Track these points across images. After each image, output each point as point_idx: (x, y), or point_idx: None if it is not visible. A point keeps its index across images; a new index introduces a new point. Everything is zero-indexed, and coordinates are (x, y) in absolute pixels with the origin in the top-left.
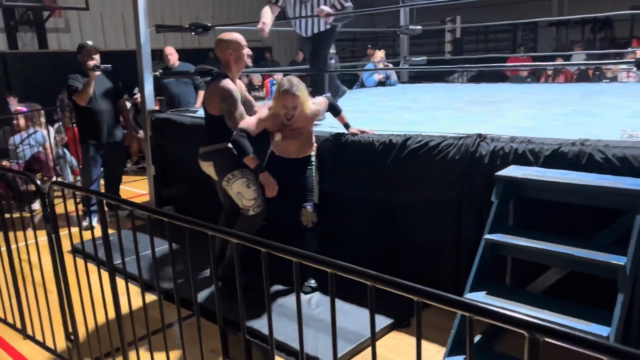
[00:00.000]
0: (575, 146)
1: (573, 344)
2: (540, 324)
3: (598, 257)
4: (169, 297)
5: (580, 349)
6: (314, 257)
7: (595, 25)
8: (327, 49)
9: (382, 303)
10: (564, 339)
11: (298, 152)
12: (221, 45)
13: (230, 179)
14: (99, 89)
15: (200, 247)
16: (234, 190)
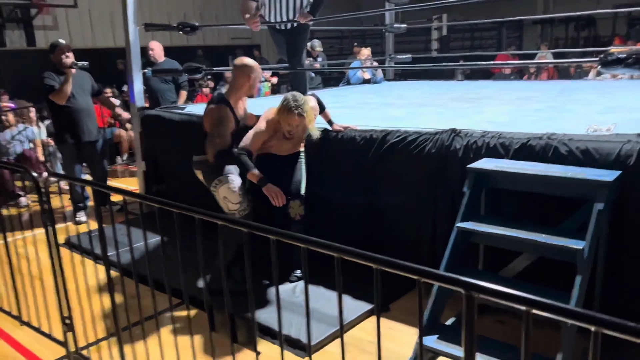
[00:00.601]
0: (543, 140)
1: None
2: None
3: (559, 242)
4: (160, 286)
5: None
6: (321, 242)
7: (579, 23)
8: (305, 43)
9: (362, 289)
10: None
11: (290, 150)
12: (244, 69)
13: (217, 184)
14: (76, 87)
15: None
16: (221, 195)
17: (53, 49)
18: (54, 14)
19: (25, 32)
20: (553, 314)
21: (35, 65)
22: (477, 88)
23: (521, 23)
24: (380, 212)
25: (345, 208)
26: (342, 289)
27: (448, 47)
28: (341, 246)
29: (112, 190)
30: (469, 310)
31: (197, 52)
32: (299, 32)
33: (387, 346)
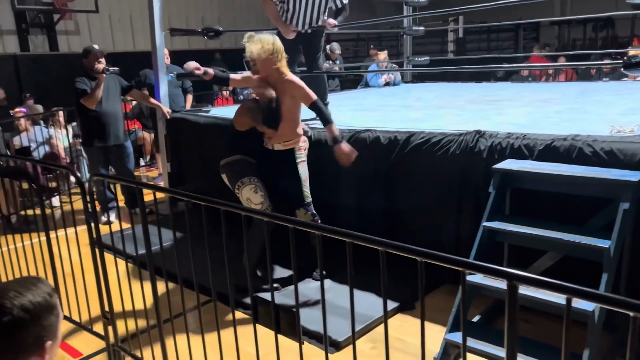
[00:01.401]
0: (567, 141)
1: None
2: (572, 286)
3: (585, 240)
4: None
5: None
6: (366, 237)
7: (597, 24)
8: (322, 46)
9: (388, 288)
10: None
11: (282, 137)
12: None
13: (240, 186)
14: (105, 91)
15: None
16: (244, 197)
17: (86, 54)
18: (76, 19)
19: (48, 37)
20: (595, 302)
21: (58, 69)
22: (495, 90)
23: (538, 24)
24: (403, 212)
25: (367, 209)
26: (386, 283)
27: (464, 49)
28: (386, 240)
29: (157, 189)
30: (511, 299)
31: (214, 56)
32: (316, 35)
33: (414, 343)
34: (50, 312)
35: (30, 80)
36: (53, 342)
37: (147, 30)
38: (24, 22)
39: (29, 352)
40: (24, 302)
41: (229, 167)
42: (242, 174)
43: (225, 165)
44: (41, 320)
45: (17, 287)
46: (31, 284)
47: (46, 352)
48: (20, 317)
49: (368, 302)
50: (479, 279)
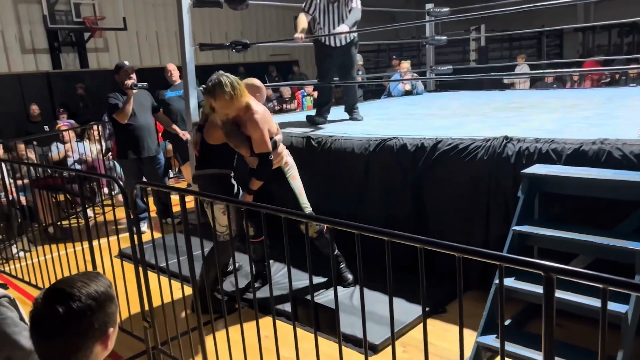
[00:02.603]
0: (595, 145)
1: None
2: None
3: (617, 243)
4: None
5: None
6: (404, 235)
7: (622, 29)
8: (356, 57)
9: (415, 293)
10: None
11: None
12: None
13: (210, 203)
14: (137, 106)
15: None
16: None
17: (117, 70)
18: (105, 36)
19: (79, 54)
20: (630, 290)
21: (88, 85)
22: (520, 97)
23: (561, 31)
24: (432, 218)
25: (396, 216)
26: (424, 280)
27: (487, 58)
28: (424, 238)
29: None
30: (547, 292)
31: (239, 70)
32: (353, 46)
33: (445, 347)
34: (112, 302)
35: (63, 97)
36: (114, 329)
37: (172, 46)
38: (56, 41)
39: (95, 338)
40: (90, 290)
41: (205, 181)
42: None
43: (202, 178)
44: (105, 307)
45: (82, 278)
46: (94, 277)
47: (109, 338)
48: (88, 304)
49: (398, 306)
50: (510, 283)
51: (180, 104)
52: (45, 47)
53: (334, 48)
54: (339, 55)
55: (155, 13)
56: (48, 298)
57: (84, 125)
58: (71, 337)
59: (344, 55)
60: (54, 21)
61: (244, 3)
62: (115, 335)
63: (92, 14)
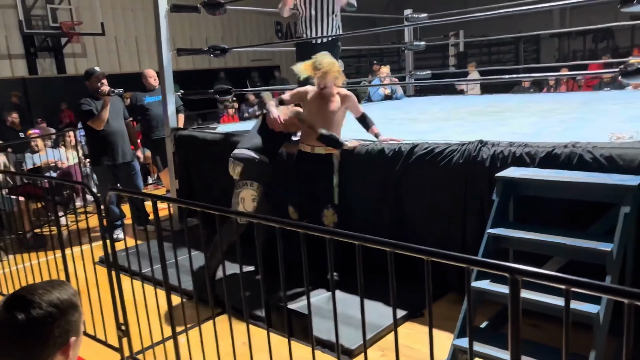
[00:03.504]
0: (567, 148)
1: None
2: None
3: (589, 245)
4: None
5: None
6: (374, 239)
7: (597, 35)
8: (338, 57)
9: (397, 296)
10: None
11: (326, 117)
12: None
13: (248, 185)
14: (110, 111)
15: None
16: (241, 195)
17: (88, 77)
18: (83, 42)
19: (56, 60)
20: (591, 291)
21: (65, 91)
22: (498, 101)
23: (538, 37)
24: (409, 222)
25: (373, 220)
26: (394, 284)
27: (466, 63)
28: (394, 242)
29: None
30: (513, 294)
31: (219, 75)
32: (335, 44)
33: (423, 350)
34: (75, 310)
35: (39, 103)
36: (77, 338)
37: (152, 51)
38: (32, 46)
39: (56, 346)
40: (52, 298)
41: (251, 163)
42: (262, 181)
43: (247, 159)
44: (67, 315)
45: (45, 286)
46: (57, 285)
47: (71, 347)
48: (49, 312)
49: (377, 310)
50: (485, 285)
51: (159, 109)
52: (21, 53)
53: (315, 45)
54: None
55: (134, 18)
56: (8, 305)
57: (59, 132)
58: (30, 345)
59: (325, 49)
60: (30, 26)
61: (221, 8)
62: (79, 344)
63: (69, 19)
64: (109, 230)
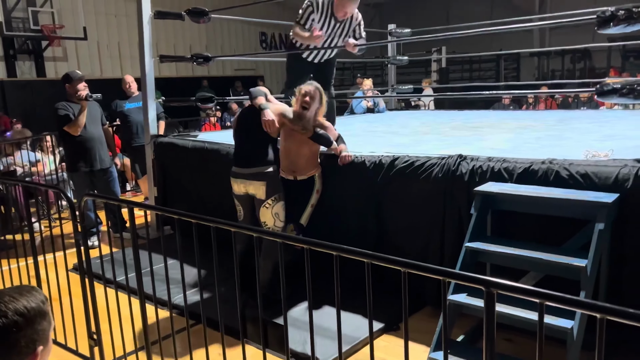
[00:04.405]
0: (545, 164)
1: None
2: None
3: (564, 260)
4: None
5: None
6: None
7: (575, 55)
8: (334, 75)
9: (374, 308)
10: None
11: (305, 170)
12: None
13: (277, 199)
14: (88, 116)
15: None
16: (273, 211)
17: (70, 80)
18: (64, 45)
19: (36, 63)
20: (564, 305)
21: (45, 95)
22: (478, 117)
23: (518, 55)
24: (388, 234)
25: (353, 231)
26: (371, 294)
27: (447, 79)
28: (371, 252)
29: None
30: (488, 307)
31: (202, 83)
32: (331, 64)
33: None
34: (43, 318)
35: (17, 106)
36: (45, 347)
37: (134, 57)
38: (12, 48)
39: (21, 356)
40: (18, 306)
41: (272, 177)
42: (281, 188)
43: (268, 175)
44: (35, 324)
45: (12, 292)
46: (26, 291)
47: (38, 356)
48: (14, 320)
49: (354, 323)
50: (462, 298)
51: (139, 116)
52: (0, 55)
53: (311, 62)
54: (316, 68)
55: (117, 23)
56: None
57: (35, 136)
58: None
59: (324, 68)
60: (10, 28)
61: (206, 17)
62: (48, 353)
63: (51, 22)
64: (84, 236)
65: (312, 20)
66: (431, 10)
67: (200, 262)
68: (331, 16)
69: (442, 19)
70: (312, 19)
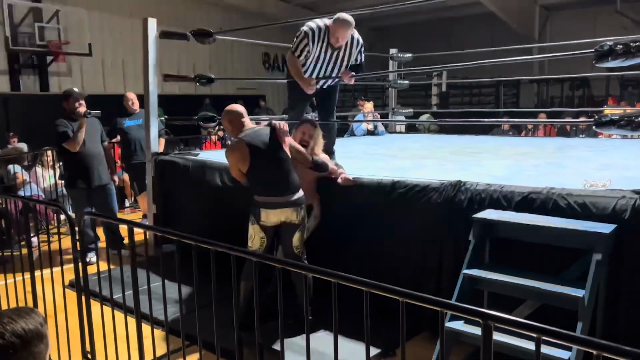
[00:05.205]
0: (543, 193)
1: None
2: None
3: (561, 290)
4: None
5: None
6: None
7: (573, 83)
8: (337, 98)
9: (375, 334)
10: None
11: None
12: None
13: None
14: (87, 133)
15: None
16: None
17: (67, 97)
18: (69, 61)
19: (40, 77)
20: (561, 340)
21: (48, 110)
22: (476, 142)
23: (518, 82)
24: (386, 259)
25: (350, 255)
26: (369, 322)
27: (447, 103)
28: (370, 281)
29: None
30: (485, 339)
31: (204, 101)
32: (334, 91)
33: None
34: (40, 341)
35: (19, 120)
36: None
37: (138, 74)
38: (17, 63)
39: None
40: (16, 328)
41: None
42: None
43: (302, 199)
44: (31, 346)
45: (11, 314)
46: (25, 313)
47: None
48: (11, 342)
49: (350, 348)
50: (459, 326)
51: (139, 133)
52: (5, 69)
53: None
54: (320, 94)
55: (122, 41)
56: None
57: (35, 151)
58: None
59: (327, 95)
60: (16, 43)
61: (210, 38)
62: None
63: (57, 38)
64: (82, 254)
65: (307, 52)
66: (433, 35)
67: (198, 283)
68: (327, 45)
69: (443, 43)
70: (307, 50)
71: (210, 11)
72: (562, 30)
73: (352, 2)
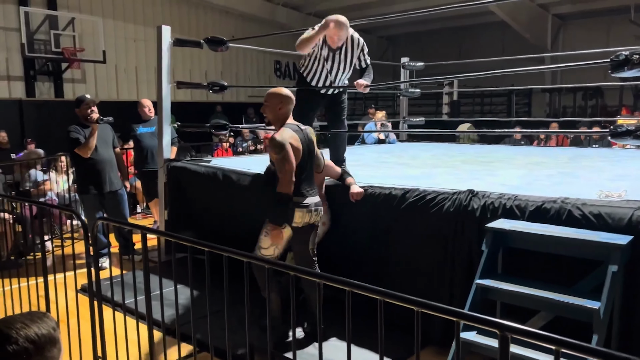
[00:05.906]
0: (557, 203)
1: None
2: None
3: (575, 301)
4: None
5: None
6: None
7: (586, 93)
8: (347, 105)
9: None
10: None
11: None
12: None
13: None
14: (99, 139)
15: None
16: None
17: (79, 104)
18: (83, 68)
19: (55, 84)
20: (580, 353)
21: (62, 116)
22: (488, 152)
23: (530, 91)
24: (397, 268)
25: (361, 265)
26: (383, 333)
27: (459, 112)
28: (385, 290)
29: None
30: (502, 351)
31: (216, 108)
32: (342, 99)
33: None
34: (54, 345)
35: (34, 125)
36: None
37: (151, 81)
38: (32, 69)
39: None
40: (29, 333)
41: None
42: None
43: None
44: (44, 351)
45: (24, 319)
46: (37, 318)
47: None
48: (25, 347)
49: (361, 357)
50: (472, 337)
51: (151, 141)
52: (21, 75)
53: (323, 96)
54: (328, 101)
55: (136, 48)
56: None
57: (49, 156)
58: None
59: (335, 101)
60: (32, 49)
61: (223, 45)
62: None
63: (72, 45)
64: (95, 259)
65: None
66: (444, 43)
67: (210, 290)
68: (327, 47)
69: (454, 52)
70: (313, 53)
71: (223, 19)
72: (575, 40)
73: (361, 12)
